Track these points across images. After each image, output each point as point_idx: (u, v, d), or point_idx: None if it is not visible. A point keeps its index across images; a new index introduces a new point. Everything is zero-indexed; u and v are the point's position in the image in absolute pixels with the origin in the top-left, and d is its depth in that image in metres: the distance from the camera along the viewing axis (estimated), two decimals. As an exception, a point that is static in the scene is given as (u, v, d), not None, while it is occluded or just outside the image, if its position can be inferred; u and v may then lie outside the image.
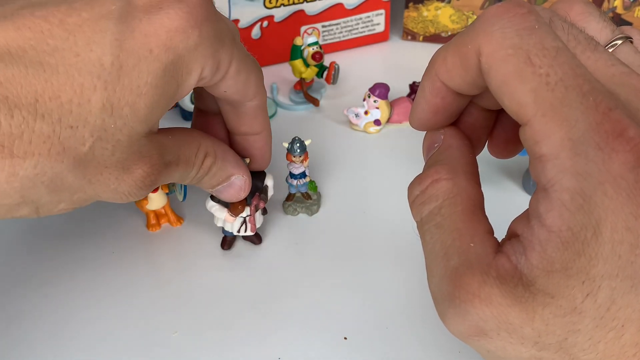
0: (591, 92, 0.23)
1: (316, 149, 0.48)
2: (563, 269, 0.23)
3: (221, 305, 0.40)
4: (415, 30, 0.61)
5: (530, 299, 0.23)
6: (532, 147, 0.24)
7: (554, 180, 0.23)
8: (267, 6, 0.56)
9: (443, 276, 0.25)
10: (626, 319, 0.23)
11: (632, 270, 0.22)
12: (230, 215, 0.41)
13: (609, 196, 0.22)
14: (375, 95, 0.51)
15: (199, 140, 0.36)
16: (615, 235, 0.22)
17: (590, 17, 0.29)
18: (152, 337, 0.38)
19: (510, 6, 0.25)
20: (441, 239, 0.26)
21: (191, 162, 0.35)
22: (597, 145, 0.22)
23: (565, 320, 0.23)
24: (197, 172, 0.36)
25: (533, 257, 0.23)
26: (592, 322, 0.23)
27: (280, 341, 0.38)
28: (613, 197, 0.22)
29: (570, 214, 0.22)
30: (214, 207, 0.41)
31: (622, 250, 0.22)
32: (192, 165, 0.35)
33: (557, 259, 0.23)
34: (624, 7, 0.56)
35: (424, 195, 0.28)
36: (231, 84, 0.35)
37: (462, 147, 0.29)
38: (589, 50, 0.25)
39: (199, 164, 0.36)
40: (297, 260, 0.43)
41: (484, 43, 0.25)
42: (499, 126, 0.32)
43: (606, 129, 0.22)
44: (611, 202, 0.22)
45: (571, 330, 0.23)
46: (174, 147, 0.34)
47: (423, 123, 0.30)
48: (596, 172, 0.22)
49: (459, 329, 0.25)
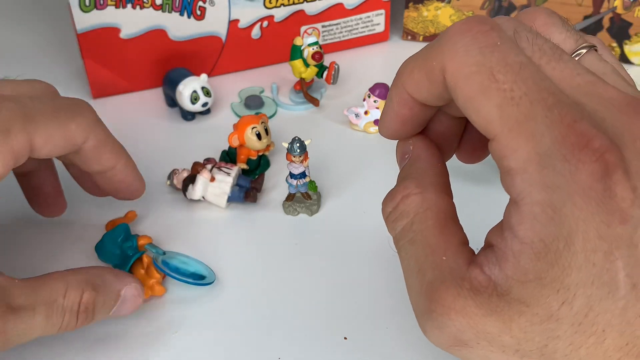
0: (556, 105, 0.23)
1: (316, 149, 0.48)
2: (537, 278, 0.23)
3: (221, 305, 0.40)
4: (415, 30, 0.61)
5: (506, 308, 0.24)
6: (501, 161, 0.24)
7: (524, 194, 0.23)
8: (267, 6, 0.56)
9: (420, 291, 0.26)
10: (606, 324, 0.23)
11: (608, 277, 0.22)
12: (204, 177, 0.44)
13: (579, 207, 0.22)
14: (375, 95, 0.51)
15: (65, 279, 0.34)
16: (587, 245, 0.22)
17: (554, 28, 0.29)
18: (152, 337, 0.38)
19: (473, 24, 0.25)
20: (415, 255, 0.27)
21: (57, 305, 0.33)
22: (563, 157, 0.23)
23: (542, 328, 0.23)
24: (74, 315, 0.33)
25: (507, 267, 0.24)
26: (571, 328, 0.23)
27: (280, 341, 0.38)
28: (583, 207, 0.22)
29: (542, 226, 0.23)
30: (193, 193, 0.44)
31: (596, 258, 0.22)
32: (59, 308, 0.33)
33: (531, 269, 0.23)
34: (624, 7, 0.56)
35: (396, 211, 0.28)
36: (52, 149, 0.35)
37: (430, 157, 0.30)
38: (554, 60, 0.25)
39: (71, 305, 0.33)
40: (297, 260, 0.43)
41: (448, 61, 0.25)
42: (468, 133, 0.32)
43: (572, 141, 0.23)
44: (581, 213, 0.22)
45: (550, 337, 0.23)
46: (24, 290, 0.32)
47: (392, 133, 0.30)
48: (564, 184, 0.22)
49: (440, 341, 0.26)
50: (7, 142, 0.32)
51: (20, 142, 0.33)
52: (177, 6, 0.53)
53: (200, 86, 0.51)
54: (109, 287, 0.35)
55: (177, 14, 0.54)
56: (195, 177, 0.45)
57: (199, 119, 0.54)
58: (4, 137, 0.32)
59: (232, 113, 0.55)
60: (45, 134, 0.34)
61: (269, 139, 0.48)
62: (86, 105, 0.38)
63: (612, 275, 0.22)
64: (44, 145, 0.34)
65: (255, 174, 0.48)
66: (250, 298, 0.41)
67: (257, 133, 0.47)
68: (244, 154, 0.48)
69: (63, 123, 0.35)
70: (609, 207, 0.22)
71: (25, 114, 0.34)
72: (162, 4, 0.53)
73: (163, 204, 0.47)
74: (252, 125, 0.47)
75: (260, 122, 0.47)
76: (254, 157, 0.48)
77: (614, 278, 0.22)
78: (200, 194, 0.45)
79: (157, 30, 0.54)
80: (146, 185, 0.42)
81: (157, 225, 0.45)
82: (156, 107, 0.55)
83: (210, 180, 0.45)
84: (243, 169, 0.48)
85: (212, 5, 0.54)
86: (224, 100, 0.55)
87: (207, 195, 0.45)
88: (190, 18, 0.54)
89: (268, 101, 0.55)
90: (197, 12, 0.54)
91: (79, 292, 0.34)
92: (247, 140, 0.47)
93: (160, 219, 0.46)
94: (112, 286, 0.36)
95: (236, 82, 0.57)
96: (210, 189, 0.45)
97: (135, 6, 0.52)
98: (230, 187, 0.45)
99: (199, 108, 0.52)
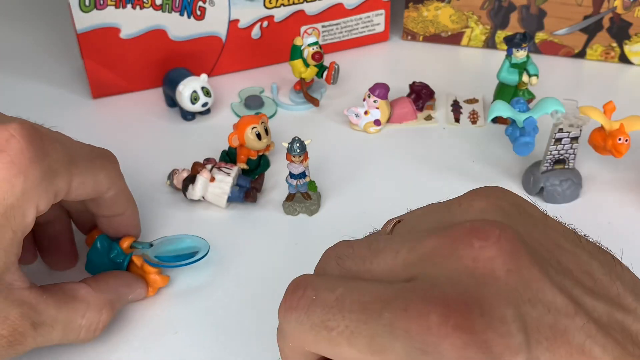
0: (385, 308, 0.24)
1: (316, 149, 0.48)
2: None
3: (221, 305, 0.40)
4: (415, 30, 0.61)
5: None
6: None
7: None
8: (267, 6, 0.56)
9: None
10: None
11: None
12: (203, 177, 0.44)
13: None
14: (375, 95, 0.51)
15: (87, 300, 0.36)
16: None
17: None
18: (152, 337, 0.38)
19: (287, 298, 0.27)
20: None
21: (75, 325, 0.35)
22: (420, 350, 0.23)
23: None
24: (89, 333, 0.36)
25: None
26: None
27: (280, 341, 0.38)
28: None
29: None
30: (193, 194, 0.44)
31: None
32: (77, 328, 0.35)
33: None
34: (624, 7, 0.56)
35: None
36: (80, 194, 0.36)
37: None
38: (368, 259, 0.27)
39: (88, 325, 0.36)
40: (297, 260, 0.43)
41: (293, 341, 0.27)
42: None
43: None
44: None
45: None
46: (49, 307, 0.34)
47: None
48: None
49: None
50: (54, 183, 0.34)
51: (63, 183, 0.34)
52: (177, 6, 0.53)
53: (200, 86, 0.51)
54: (122, 298, 0.39)
55: (177, 14, 0.54)
56: (195, 177, 0.45)
57: (199, 119, 0.54)
58: (51, 178, 0.33)
59: (232, 113, 0.55)
60: (81, 179, 0.36)
61: (269, 139, 0.48)
62: (112, 155, 0.39)
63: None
64: (77, 189, 0.36)
65: (255, 174, 0.48)
66: (250, 298, 0.40)
67: (257, 133, 0.47)
68: (244, 154, 0.48)
69: (96, 171, 0.37)
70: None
71: (70, 157, 0.35)
72: (162, 4, 0.53)
73: (163, 204, 0.47)
74: (252, 125, 0.47)
75: (260, 122, 0.47)
76: (254, 157, 0.48)
77: None
78: (200, 194, 0.45)
79: (157, 30, 0.54)
80: (146, 185, 0.42)
81: (157, 225, 0.45)
82: (156, 107, 0.55)
83: (210, 180, 0.45)
84: (243, 169, 0.48)
85: (212, 5, 0.54)
86: (224, 100, 0.55)
87: (207, 195, 0.45)
88: (190, 18, 0.54)
89: (268, 101, 0.55)
90: (197, 12, 0.54)
91: (97, 314, 0.36)
92: (247, 140, 0.47)
93: (160, 219, 0.46)
94: (124, 297, 0.39)
95: (236, 82, 0.57)
96: (210, 189, 0.45)
97: (135, 6, 0.52)
98: (230, 187, 0.45)
99: (199, 108, 0.52)
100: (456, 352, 0.22)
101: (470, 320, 0.23)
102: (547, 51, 0.59)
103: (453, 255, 0.24)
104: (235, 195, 0.45)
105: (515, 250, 0.24)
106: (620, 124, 0.44)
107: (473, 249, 0.24)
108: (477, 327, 0.22)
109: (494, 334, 0.22)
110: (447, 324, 0.22)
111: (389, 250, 0.26)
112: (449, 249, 0.25)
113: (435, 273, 0.25)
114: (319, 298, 0.26)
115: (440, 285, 0.24)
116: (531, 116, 0.45)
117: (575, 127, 0.44)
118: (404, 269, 0.26)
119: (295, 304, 0.27)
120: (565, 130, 0.44)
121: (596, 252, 0.27)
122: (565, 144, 0.45)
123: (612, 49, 0.58)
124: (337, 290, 0.26)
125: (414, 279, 0.25)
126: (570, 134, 0.44)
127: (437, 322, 0.23)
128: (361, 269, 0.27)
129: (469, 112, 0.54)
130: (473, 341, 0.22)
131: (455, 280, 0.24)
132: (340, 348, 0.25)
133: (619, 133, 0.44)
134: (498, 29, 0.59)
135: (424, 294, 0.24)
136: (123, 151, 0.50)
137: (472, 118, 0.53)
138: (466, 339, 0.22)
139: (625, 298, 0.26)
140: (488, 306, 0.23)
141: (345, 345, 0.25)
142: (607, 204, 0.46)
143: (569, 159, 0.46)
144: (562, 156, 0.45)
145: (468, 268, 0.24)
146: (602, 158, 0.48)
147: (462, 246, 0.24)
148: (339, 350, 0.25)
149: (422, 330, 0.23)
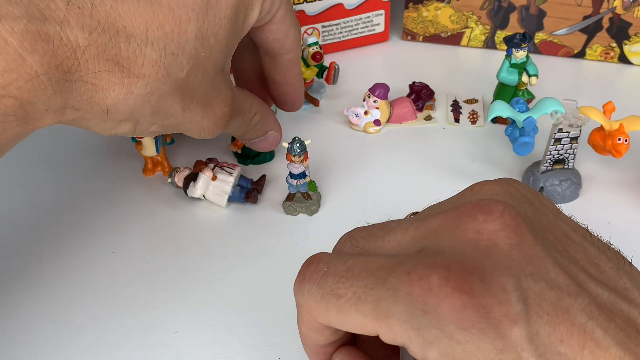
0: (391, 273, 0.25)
1: (316, 149, 0.48)
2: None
3: (221, 305, 0.40)
4: (415, 30, 0.61)
5: None
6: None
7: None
8: (267, 6, 0.56)
9: None
10: None
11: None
12: (206, 175, 0.45)
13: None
14: (375, 95, 0.51)
15: (251, 99, 0.42)
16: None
17: None
18: (152, 337, 0.38)
19: (303, 271, 0.28)
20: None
21: (246, 116, 0.41)
22: None
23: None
24: (247, 125, 0.41)
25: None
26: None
27: (280, 341, 0.38)
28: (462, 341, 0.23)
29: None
30: (194, 191, 0.45)
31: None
32: (246, 119, 0.41)
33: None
34: (624, 7, 0.56)
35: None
36: (274, 29, 0.40)
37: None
38: None
39: (249, 118, 0.41)
40: (297, 260, 0.43)
41: (310, 313, 0.28)
42: None
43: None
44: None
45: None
46: (236, 98, 0.39)
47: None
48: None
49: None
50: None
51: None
52: (177, 6, 0.53)
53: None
54: (267, 123, 0.43)
55: (177, 14, 0.54)
56: (197, 175, 0.45)
57: (199, 119, 0.54)
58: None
59: (232, 113, 0.55)
60: (281, 15, 0.40)
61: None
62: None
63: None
64: (280, 20, 0.40)
65: (255, 161, 0.48)
66: (250, 298, 0.41)
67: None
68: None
69: (293, 22, 0.41)
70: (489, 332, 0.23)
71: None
72: (162, 4, 0.53)
73: (163, 203, 0.47)
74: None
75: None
76: None
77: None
78: (201, 191, 0.45)
79: (157, 31, 0.54)
80: (146, 185, 0.42)
81: (156, 223, 0.45)
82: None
83: (212, 179, 0.45)
84: (239, 154, 0.49)
85: (212, 6, 0.54)
86: (224, 100, 0.56)
87: (207, 194, 0.45)
88: (191, 18, 0.54)
89: (268, 101, 0.55)
90: (197, 12, 0.54)
91: (254, 111, 0.42)
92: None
93: (160, 217, 0.46)
94: (268, 123, 0.44)
95: (236, 82, 0.57)
96: (212, 187, 0.45)
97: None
98: (231, 186, 0.45)
99: (199, 108, 0.52)
100: (455, 313, 0.23)
101: (470, 284, 0.23)
102: (547, 51, 0.59)
103: (458, 228, 0.25)
104: (236, 196, 0.45)
105: (518, 226, 0.25)
106: (619, 124, 0.44)
107: (477, 222, 0.25)
108: (477, 291, 0.23)
109: (493, 300, 0.23)
110: (447, 285, 0.23)
111: (400, 229, 0.28)
112: (454, 223, 0.26)
113: (440, 244, 0.25)
114: (330, 270, 0.27)
115: (444, 253, 0.25)
116: (531, 116, 0.45)
117: (574, 127, 0.44)
118: (413, 244, 0.27)
119: (309, 276, 0.28)
120: (565, 130, 0.44)
121: (606, 249, 0.27)
122: (564, 144, 0.45)
123: (612, 49, 0.58)
124: (348, 262, 0.27)
125: (421, 251, 0.26)
126: (570, 134, 0.44)
127: (438, 284, 0.23)
128: (373, 246, 0.28)
129: (469, 112, 0.54)
130: (472, 304, 0.23)
131: (458, 249, 0.25)
132: (348, 316, 0.26)
133: (619, 133, 0.44)
134: (498, 29, 0.59)
135: (428, 260, 0.24)
136: (125, 148, 0.51)
137: (472, 118, 0.53)
138: (465, 300, 0.23)
139: (632, 293, 0.26)
140: (489, 274, 0.24)
141: (352, 312, 0.26)
142: (606, 204, 0.46)
143: (568, 159, 0.46)
144: (562, 156, 0.46)
145: (472, 240, 0.25)
146: (601, 158, 0.48)
147: (467, 219, 0.25)
148: (347, 318, 0.26)
149: (423, 291, 0.23)
